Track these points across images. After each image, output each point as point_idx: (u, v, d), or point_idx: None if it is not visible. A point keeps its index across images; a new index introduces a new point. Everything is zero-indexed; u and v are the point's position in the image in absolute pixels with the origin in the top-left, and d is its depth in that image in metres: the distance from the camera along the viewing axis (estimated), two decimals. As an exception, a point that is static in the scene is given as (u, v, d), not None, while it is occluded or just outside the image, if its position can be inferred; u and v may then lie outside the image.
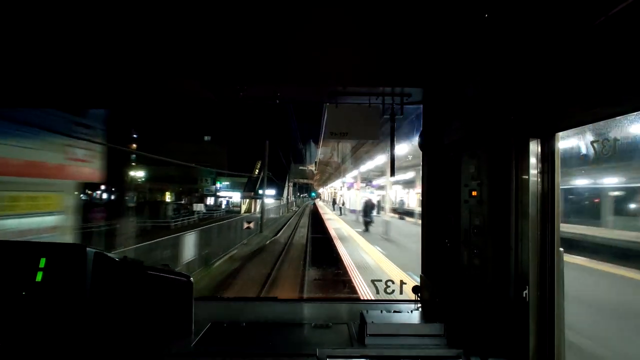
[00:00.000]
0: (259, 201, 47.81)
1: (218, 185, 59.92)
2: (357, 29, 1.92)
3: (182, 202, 50.63)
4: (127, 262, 1.77)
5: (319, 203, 73.38)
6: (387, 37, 1.91)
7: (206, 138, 59.73)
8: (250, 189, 45.65)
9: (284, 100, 2.30)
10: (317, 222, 29.24)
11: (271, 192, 48.57)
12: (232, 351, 1.71)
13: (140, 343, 1.71)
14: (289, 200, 63.69)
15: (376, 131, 2.46)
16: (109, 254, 1.69)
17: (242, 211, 44.05)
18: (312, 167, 51.37)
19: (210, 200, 58.39)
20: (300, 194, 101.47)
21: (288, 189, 56.33)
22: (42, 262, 1.57)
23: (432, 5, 1.83)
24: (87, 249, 1.61)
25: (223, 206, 56.95)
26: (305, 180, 68.35)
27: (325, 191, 77.95)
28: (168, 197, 55.43)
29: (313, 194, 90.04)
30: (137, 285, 1.72)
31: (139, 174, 49.15)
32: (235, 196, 56.92)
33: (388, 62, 1.98)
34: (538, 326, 1.46)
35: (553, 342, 1.43)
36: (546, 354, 1.45)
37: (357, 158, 22.70)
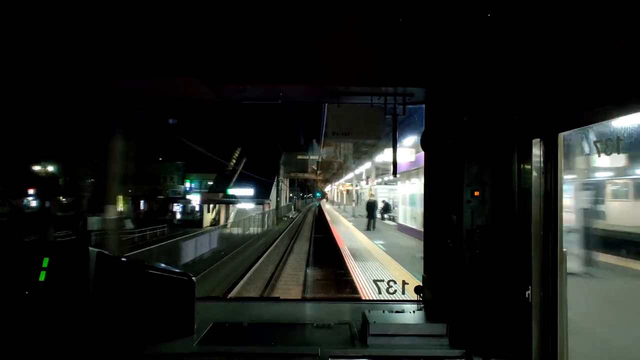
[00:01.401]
0: (236, 206, 31.37)
1: (188, 184, 44.01)
2: (360, 29, 1.92)
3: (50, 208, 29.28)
4: (129, 262, 1.77)
5: (325, 206, 53.67)
6: (390, 37, 1.91)
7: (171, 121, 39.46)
8: (220, 188, 33.04)
9: (287, 100, 2.31)
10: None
11: (247, 192, 34.01)
12: (234, 351, 1.71)
13: (143, 342, 1.72)
14: (282, 204, 44.69)
15: (378, 131, 2.46)
16: (111, 254, 1.69)
17: (206, 224, 30.84)
18: (315, 157, 39.68)
19: (189, 206, 41.08)
20: (303, 194, 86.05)
21: (278, 187, 37.84)
22: (45, 262, 1.59)
23: (434, 5, 1.82)
24: (90, 248, 1.62)
25: (180, 215, 39.52)
26: (306, 176, 53.45)
27: (334, 189, 61.00)
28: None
29: (318, 194, 77.30)
30: (139, 285, 1.73)
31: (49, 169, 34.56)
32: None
33: (391, 61, 1.98)
34: (541, 327, 1.45)
35: (556, 343, 1.42)
36: (549, 355, 1.43)
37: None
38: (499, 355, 1.62)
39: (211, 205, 32.77)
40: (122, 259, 1.75)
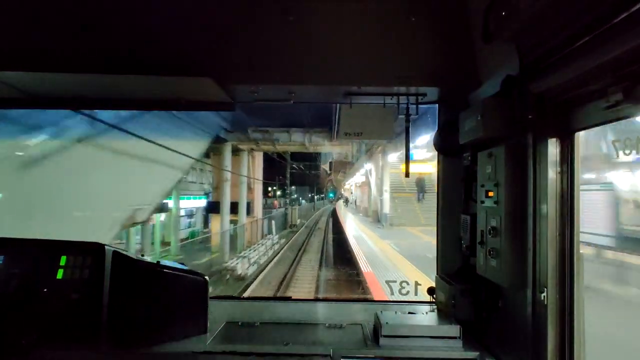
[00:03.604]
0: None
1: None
2: (373, 29, 1.91)
3: None
4: (145, 261, 1.81)
5: (346, 225, 26.01)
6: (403, 36, 1.90)
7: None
8: None
9: (299, 100, 2.31)
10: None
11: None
12: (246, 350, 1.73)
13: (157, 340, 1.75)
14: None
15: (391, 131, 2.45)
16: (127, 253, 1.73)
17: None
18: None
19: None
20: (312, 194, 60.96)
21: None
22: (63, 260, 1.64)
23: (447, 3, 1.81)
24: (106, 247, 1.66)
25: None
26: (318, 146, 22.15)
27: (373, 181, 26.11)
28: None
29: (331, 195, 58.34)
30: (154, 284, 1.76)
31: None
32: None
33: (403, 61, 1.96)
34: (557, 330, 1.42)
35: (572, 347, 1.39)
36: (565, 358, 1.40)
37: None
38: (513, 358, 1.59)
39: None
40: (138, 259, 1.78)
